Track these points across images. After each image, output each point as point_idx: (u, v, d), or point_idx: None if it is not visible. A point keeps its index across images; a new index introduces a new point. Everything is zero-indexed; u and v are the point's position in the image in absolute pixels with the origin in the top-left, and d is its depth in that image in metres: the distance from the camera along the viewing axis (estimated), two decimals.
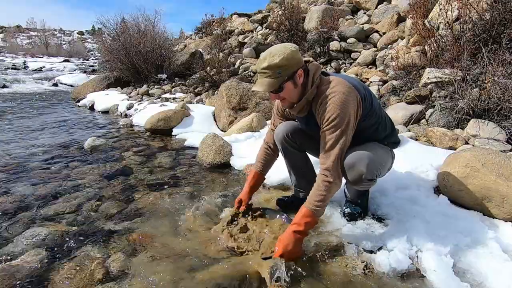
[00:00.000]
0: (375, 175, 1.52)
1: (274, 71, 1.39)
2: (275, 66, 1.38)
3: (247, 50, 7.17)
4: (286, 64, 1.38)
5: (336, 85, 1.41)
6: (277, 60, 1.37)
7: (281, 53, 1.38)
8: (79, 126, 4.48)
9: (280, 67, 1.38)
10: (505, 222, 1.65)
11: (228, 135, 3.33)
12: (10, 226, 1.78)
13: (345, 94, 1.39)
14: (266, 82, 1.41)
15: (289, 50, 1.39)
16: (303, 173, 1.90)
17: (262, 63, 1.41)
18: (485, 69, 2.89)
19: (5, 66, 16.04)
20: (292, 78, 1.42)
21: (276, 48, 1.41)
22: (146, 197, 2.15)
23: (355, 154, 1.47)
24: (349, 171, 1.48)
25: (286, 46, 1.42)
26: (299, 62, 1.43)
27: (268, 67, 1.39)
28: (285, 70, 1.39)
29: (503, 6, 3.16)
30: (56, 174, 2.57)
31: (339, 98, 1.38)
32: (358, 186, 1.58)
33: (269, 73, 1.40)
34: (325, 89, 1.43)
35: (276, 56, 1.38)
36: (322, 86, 1.45)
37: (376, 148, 1.55)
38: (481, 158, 1.76)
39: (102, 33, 8.98)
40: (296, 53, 1.41)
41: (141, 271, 1.41)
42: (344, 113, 1.38)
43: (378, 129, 1.60)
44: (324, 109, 1.41)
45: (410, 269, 1.40)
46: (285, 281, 1.30)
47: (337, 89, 1.40)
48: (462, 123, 2.75)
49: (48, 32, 44.08)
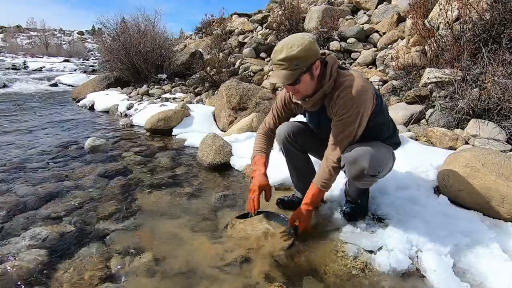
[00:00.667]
0: (377, 171, 1.49)
1: (292, 63, 1.33)
2: (293, 57, 1.32)
3: (247, 50, 7.17)
4: (304, 55, 1.32)
5: (356, 78, 1.40)
6: (295, 51, 1.31)
7: (299, 43, 1.32)
8: (79, 126, 4.48)
9: (298, 59, 1.32)
10: (505, 222, 1.65)
11: (228, 135, 3.33)
12: (10, 226, 1.78)
13: (363, 88, 1.38)
14: (283, 75, 1.35)
15: (307, 41, 1.33)
16: (304, 174, 1.88)
17: (279, 54, 1.35)
18: (485, 69, 2.89)
19: (5, 66, 16.04)
20: (310, 70, 1.37)
21: (294, 38, 1.35)
22: (146, 197, 2.15)
23: (357, 149, 1.45)
24: (351, 166, 1.46)
25: (303, 36, 1.36)
26: (317, 53, 1.38)
27: (285, 58, 1.33)
28: (303, 62, 1.34)
29: (503, 6, 3.16)
30: (56, 174, 2.57)
31: (358, 91, 1.37)
32: (359, 182, 1.55)
33: (286, 65, 1.34)
34: (343, 82, 1.40)
35: (294, 47, 1.31)
36: (340, 79, 1.42)
37: (379, 146, 1.54)
38: (481, 158, 1.76)
39: (102, 33, 8.97)
40: (314, 43, 1.36)
41: (141, 271, 1.41)
42: (360, 106, 1.38)
43: (383, 129, 1.60)
44: (341, 101, 1.39)
45: (410, 269, 1.40)
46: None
47: (356, 83, 1.38)
48: (462, 123, 2.75)
49: (48, 32, 44.05)
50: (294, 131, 1.76)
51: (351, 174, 1.50)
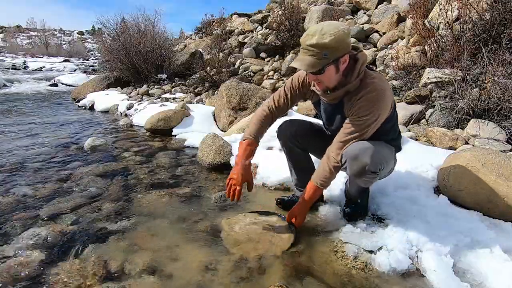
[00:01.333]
0: (378, 168, 1.46)
1: (321, 51, 1.27)
2: (323, 46, 1.26)
3: (247, 50, 7.17)
4: (335, 46, 1.27)
5: (382, 84, 1.38)
6: (327, 39, 1.25)
7: (333, 32, 1.25)
8: (79, 126, 4.48)
9: (328, 48, 1.26)
10: (505, 222, 1.65)
11: (228, 135, 3.33)
12: (10, 226, 1.77)
13: (386, 93, 1.38)
14: (309, 61, 1.30)
15: (341, 32, 1.27)
16: (304, 171, 1.87)
17: (310, 39, 1.28)
18: (485, 69, 2.89)
19: (5, 66, 16.03)
20: (337, 62, 1.32)
21: (329, 26, 1.28)
22: (146, 197, 2.15)
23: (359, 146, 1.44)
24: (353, 161, 1.44)
25: (338, 26, 1.29)
26: (348, 47, 1.33)
27: (316, 45, 1.27)
28: (332, 53, 1.28)
29: (503, 6, 3.16)
30: (56, 174, 2.57)
31: (381, 95, 1.37)
32: (360, 179, 1.53)
33: (314, 52, 1.28)
34: (369, 83, 1.38)
35: (326, 35, 1.25)
36: (367, 80, 1.39)
37: (382, 144, 1.54)
38: (481, 158, 1.76)
39: (102, 33, 8.97)
40: (348, 36, 1.30)
41: (141, 271, 1.41)
42: (380, 112, 1.38)
43: (389, 133, 1.60)
44: (364, 103, 1.37)
45: (410, 269, 1.40)
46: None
47: (382, 87, 1.37)
48: (462, 123, 2.75)
49: (48, 32, 44.07)
50: (298, 131, 1.76)
51: (352, 170, 1.48)
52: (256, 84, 5.31)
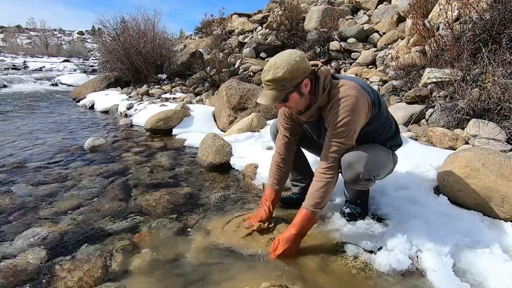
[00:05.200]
0: (372, 176, 1.49)
1: (278, 84, 1.35)
2: (279, 79, 1.34)
3: (247, 50, 7.17)
4: (290, 76, 1.34)
5: (348, 89, 1.39)
6: (280, 73, 1.33)
7: (285, 64, 1.33)
8: (79, 126, 4.48)
9: (284, 80, 1.34)
10: (505, 222, 1.65)
11: (228, 135, 3.33)
12: (10, 226, 1.78)
13: (357, 98, 1.37)
14: (270, 95, 1.38)
15: (293, 61, 1.34)
16: (295, 164, 1.88)
17: (267, 75, 1.37)
18: (485, 69, 2.89)
19: (5, 66, 16.04)
20: (298, 88, 1.39)
21: (280, 59, 1.36)
22: (146, 197, 2.15)
23: (354, 153, 1.44)
24: (347, 170, 1.47)
25: (291, 56, 1.36)
26: (305, 72, 1.38)
27: (272, 80, 1.35)
28: (290, 82, 1.36)
29: (503, 6, 3.16)
30: (56, 174, 2.57)
31: (351, 102, 1.36)
32: (355, 186, 1.57)
33: (273, 86, 1.37)
34: (336, 93, 1.40)
35: (279, 68, 1.33)
36: (333, 90, 1.42)
37: (377, 149, 1.54)
38: (481, 158, 1.76)
39: (102, 33, 8.97)
40: (301, 62, 1.36)
41: (141, 271, 1.41)
42: (354, 117, 1.37)
43: (382, 132, 1.60)
44: (334, 113, 1.38)
45: (410, 269, 1.40)
46: None
47: (349, 93, 1.38)
48: (462, 123, 2.75)
49: (48, 32, 44.12)
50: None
51: (346, 178, 1.52)
52: (256, 84, 5.31)
